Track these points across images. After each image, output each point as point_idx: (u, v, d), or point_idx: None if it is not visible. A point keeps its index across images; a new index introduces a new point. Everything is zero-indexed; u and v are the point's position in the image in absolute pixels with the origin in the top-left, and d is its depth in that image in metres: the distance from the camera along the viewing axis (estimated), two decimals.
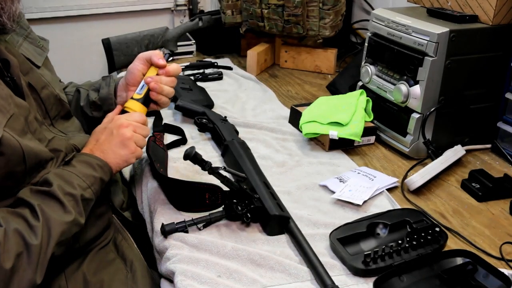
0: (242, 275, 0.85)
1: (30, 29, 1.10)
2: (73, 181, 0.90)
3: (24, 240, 0.79)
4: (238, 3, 1.83)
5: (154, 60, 1.09)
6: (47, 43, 1.14)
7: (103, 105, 1.15)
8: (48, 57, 1.13)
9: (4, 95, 0.87)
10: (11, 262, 0.77)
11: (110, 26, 2.16)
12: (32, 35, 1.09)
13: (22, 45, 1.04)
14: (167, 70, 1.09)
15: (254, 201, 0.97)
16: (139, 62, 1.10)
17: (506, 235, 0.98)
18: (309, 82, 1.77)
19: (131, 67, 1.11)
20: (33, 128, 0.92)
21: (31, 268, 0.79)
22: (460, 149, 1.22)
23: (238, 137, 1.25)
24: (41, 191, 0.87)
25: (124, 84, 1.13)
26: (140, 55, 1.11)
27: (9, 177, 0.85)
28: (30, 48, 1.06)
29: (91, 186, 0.92)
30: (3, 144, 0.82)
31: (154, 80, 1.07)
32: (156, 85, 1.06)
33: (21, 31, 1.06)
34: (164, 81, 1.08)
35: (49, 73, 1.10)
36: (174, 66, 1.11)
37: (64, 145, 0.99)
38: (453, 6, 1.30)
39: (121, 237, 1.06)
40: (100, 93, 1.16)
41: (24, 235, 0.80)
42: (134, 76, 1.10)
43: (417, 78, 1.20)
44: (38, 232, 0.81)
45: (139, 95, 1.07)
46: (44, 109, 1.01)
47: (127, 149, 1.00)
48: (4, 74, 0.92)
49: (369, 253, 0.86)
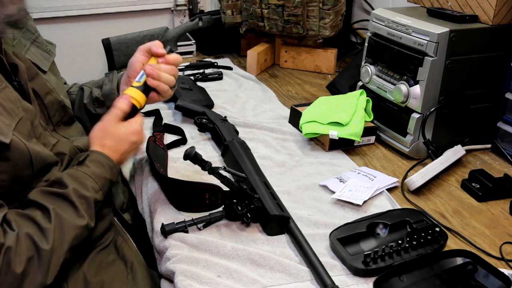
0: (242, 275, 0.85)
1: (38, 33, 1.09)
2: (87, 184, 0.90)
3: (35, 244, 0.79)
4: (238, 3, 1.83)
5: (154, 49, 1.07)
6: (54, 48, 1.13)
7: (106, 101, 1.15)
8: (54, 61, 1.12)
9: (13, 98, 0.87)
10: (22, 266, 0.77)
11: (110, 26, 2.16)
12: (39, 39, 1.09)
13: (29, 49, 1.04)
14: (166, 58, 1.07)
15: (254, 201, 0.96)
16: (140, 54, 1.09)
17: (506, 235, 0.98)
18: (309, 82, 1.77)
19: (132, 60, 1.10)
20: (38, 132, 0.92)
21: (42, 272, 0.79)
22: (460, 149, 1.22)
23: (238, 137, 1.25)
24: (55, 193, 0.86)
25: (126, 78, 1.12)
26: (140, 47, 1.10)
27: (17, 181, 0.85)
28: (37, 52, 1.06)
29: (102, 188, 0.92)
30: (12, 148, 0.82)
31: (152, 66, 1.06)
32: (152, 71, 1.04)
33: (29, 34, 1.06)
34: (164, 69, 1.06)
35: (55, 78, 1.10)
36: (174, 55, 1.09)
37: (68, 148, 0.99)
38: (453, 6, 1.30)
39: (122, 239, 1.06)
40: (103, 89, 1.16)
41: (35, 239, 0.79)
42: (135, 68, 1.09)
43: (417, 78, 1.20)
44: (50, 236, 0.81)
45: (139, 83, 1.05)
46: (47, 115, 1.01)
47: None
48: (12, 78, 0.92)
49: (369, 253, 0.86)
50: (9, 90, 0.87)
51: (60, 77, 1.16)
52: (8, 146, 0.81)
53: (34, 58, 1.04)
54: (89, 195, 0.89)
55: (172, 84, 1.08)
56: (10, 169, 0.83)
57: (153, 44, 1.07)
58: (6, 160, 0.82)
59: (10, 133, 0.82)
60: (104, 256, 1.00)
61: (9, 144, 0.81)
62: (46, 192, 0.87)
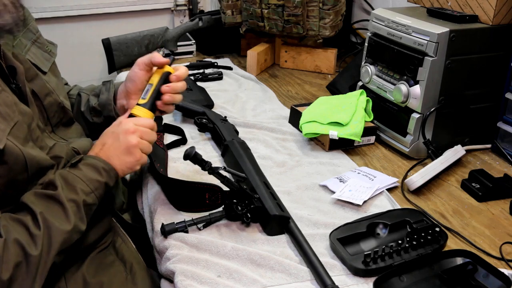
0: (242, 275, 0.85)
1: (39, 33, 1.08)
2: (76, 185, 0.89)
3: (24, 250, 0.78)
4: (238, 3, 1.83)
5: (156, 60, 1.03)
6: (55, 48, 1.12)
7: (103, 111, 1.14)
8: (55, 62, 1.11)
9: (9, 102, 0.86)
10: (9, 272, 0.76)
11: (110, 26, 2.16)
12: (41, 39, 1.08)
13: (29, 50, 1.03)
14: (178, 75, 1.04)
15: (254, 201, 0.96)
16: (139, 69, 1.05)
17: (506, 235, 0.98)
18: (309, 82, 1.77)
19: (131, 75, 1.07)
20: (35, 135, 0.91)
21: (30, 278, 0.78)
22: (460, 149, 1.22)
23: (238, 137, 1.25)
24: (46, 195, 0.86)
25: (124, 91, 1.10)
26: (138, 61, 1.06)
27: (11, 185, 0.85)
28: (38, 53, 1.05)
29: (94, 191, 0.91)
30: (6, 153, 0.81)
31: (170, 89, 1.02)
32: (169, 98, 1.02)
33: (30, 35, 1.05)
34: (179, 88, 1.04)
35: (55, 79, 1.08)
36: (183, 69, 1.06)
37: (65, 151, 0.99)
38: (453, 6, 1.30)
39: (121, 240, 1.06)
40: (99, 99, 1.14)
41: (24, 245, 0.79)
42: (135, 84, 1.06)
43: (417, 78, 1.20)
44: (39, 242, 0.80)
45: (144, 100, 1.02)
46: (46, 117, 1.01)
47: (132, 157, 0.96)
48: (10, 81, 0.91)
49: (369, 253, 0.86)
50: (5, 94, 0.86)
51: (61, 78, 1.15)
52: (2, 152, 0.81)
53: (35, 59, 1.03)
54: (77, 198, 0.87)
55: (179, 102, 1.07)
56: (4, 174, 0.82)
57: (153, 56, 1.04)
58: (1, 165, 0.81)
59: (4, 138, 0.81)
60: (103, 257, 1.00)
61: (3, 150, 0.80)
62: (39, 194, 0.86)
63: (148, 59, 1.04)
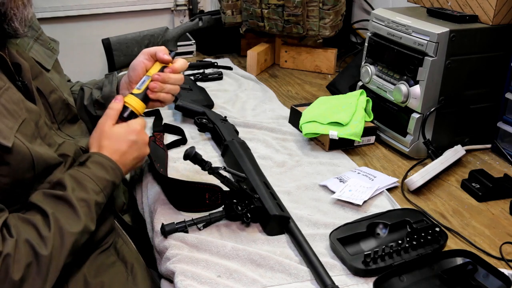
0: (242, 275, 0.85)
1: (41, 30, 1.08)
2: (86, 185, 0.89)
3: (34, 250, 0.78)
4: (238, 3, 1.83)
5: (160, 55, 1.04)
6: (57, 45, 1.12)
7: (106, 103, 1.13)
8: (57, 59, 1.11)
9: (16, 99, 0.86)
10: (21, 273, 0.76)
11: (110, 26, 2.16)
12: (43, 36, 1.08)
13: (32, 47, 1.03)
14: (173, 67, 1.05)
15: (254, 201, 0.96)
16: (143, 58, 1.06)
17: (506, 235, 0.98)
18: (309, 82, 1.77)
19: (134, 63, 1.07)
20: (43, 133, 0.91)
21: (41, 278, 0.78)
22: (460, 149, 1.22)
23: (238, 137, 1.25)
24: (55, 196, 0.86)
25: (127, 81, 1.10)
26: (144, 50, 1.07)
27: (18, 184, 0.85)
28: (40, 50, 1.05)
29: (103, 190, 0.91)
30: (14, 151, 0.81)
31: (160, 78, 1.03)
32: (155, 85, 1.03)
33: (32, 32, 1.05)
34: (172, 79, 1.04)
35: (58, 76, 1.09)
36: (180, 62, 1.06)
37: (73, 149, 0.99)
38: (453, 6, 1.30)
39: (122, 241, 1.06)
40: (103, 91, 1.15)
41: (34, 245, 0.79)
42: (137, 73, 1.07)
43: (417, 78, 1.20)
44: (49, 242, 0.80)
45: (139, 90, 1.03)
46: (52, 114, 1.01)
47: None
48: (16, 78, 0.91)
49: (369, 253, 0.86)
50: (12, 91, 0.86)
51: (64, 74, 1.15)
52: (10, 149, 0.80)
53: (38, 56, 1.03)
54: (89, 197, 0.88)
55: (176, 93, 1.07)
56: (11, 173, 0.82)
57: (159, 50, 1.05)
58: (8, 163, 0.81)
59: (12, 136, 0.81)
60: (104, 258, 0.99)
61: (11, 147, 0.80)
62: (48, 194, 0.86)
63: (154, 51, 1.05)
